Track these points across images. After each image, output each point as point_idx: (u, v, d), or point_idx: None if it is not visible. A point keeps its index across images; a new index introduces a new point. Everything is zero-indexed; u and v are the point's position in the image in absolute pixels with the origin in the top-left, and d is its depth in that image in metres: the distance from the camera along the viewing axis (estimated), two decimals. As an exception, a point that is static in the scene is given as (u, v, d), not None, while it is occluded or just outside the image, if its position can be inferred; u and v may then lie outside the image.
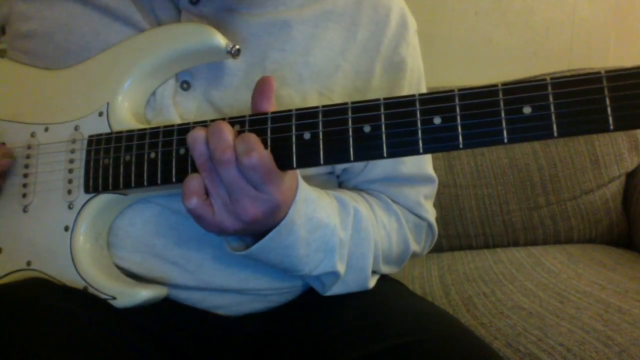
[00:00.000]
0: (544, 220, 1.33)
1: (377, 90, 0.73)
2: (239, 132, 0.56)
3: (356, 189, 0.77)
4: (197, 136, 0.55)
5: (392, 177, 0.76)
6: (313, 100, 0.69)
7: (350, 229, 0.67)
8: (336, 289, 0.69)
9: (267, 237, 0.59)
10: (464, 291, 1.00)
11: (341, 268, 0.67)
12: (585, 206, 1.33)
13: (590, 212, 1.33)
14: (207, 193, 0.56)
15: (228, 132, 0.55)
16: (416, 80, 0.78)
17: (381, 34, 0.73)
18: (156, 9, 0.69)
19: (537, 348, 0.75)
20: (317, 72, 0.70)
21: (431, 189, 0.80)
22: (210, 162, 0.55)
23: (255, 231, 0.59)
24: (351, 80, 0.72)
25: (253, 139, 0.54)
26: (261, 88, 0.57)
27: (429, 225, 0.80)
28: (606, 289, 0.92)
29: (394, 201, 0.76)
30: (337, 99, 0.70)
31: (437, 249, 1.37)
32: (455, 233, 1.36)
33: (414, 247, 0.78)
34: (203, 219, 0.56)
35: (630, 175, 1.37)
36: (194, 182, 0.56)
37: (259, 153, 0.53)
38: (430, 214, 0.80)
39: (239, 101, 0.67)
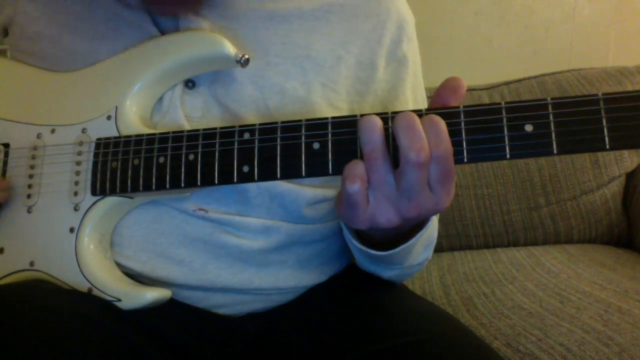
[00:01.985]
0: (544, 220, 1.33)
1: (381, 82, 0.74)
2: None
3: None
4: (375, 123, 0.52)
5: None
6: (317, 92, 0.70)
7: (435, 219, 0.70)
8: (403, 273, 0.72)
9: (417, 236, 0.60)
10: (464, 291, 1.00)
11: (429, 257, 0.71)
12: (585, 206, 1.33)
13: (590, 212, 1.33)
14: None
15: (421, 128, 0.51)
16: (417, 74, 0.80)
17: (383, 26, 0.74)
18: (153, 10, 0.69)
19: (537, 348, 0.75)
20: (319, 64, 0.70)
21: None
22: (381, 151, 0.52)
23: (400, 227, 0.57)
24: (354, 71, 0.72)
25: (443, 126, 0.51)
26: (453, 86, 0.55)
27: None
28: (606, 289, 0.92)
29: None
30: (341, 90, 0.71)
31: (437, 249, 1.36)
32: (455, 233, 1.36)
33: None
34: (357, 207, 0.53)
35: (630, 175, 1.36)
36: (359, 166, 0.52)
37: (447, 144, 0.51)
38: None
39: (244, 95, 0.68)
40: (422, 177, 0.51)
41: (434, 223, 0.68)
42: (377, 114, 0.54)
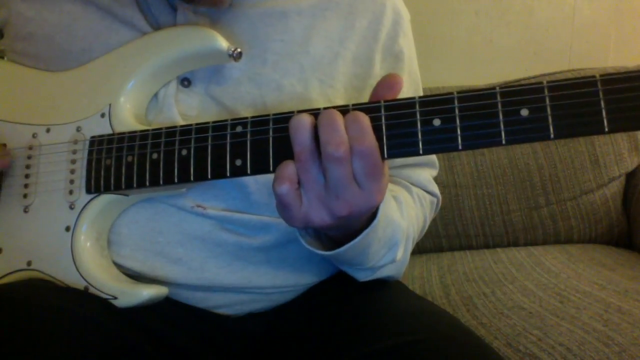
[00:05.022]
0: (544, 220, 1.33)
1: (378, 77, 0.74)
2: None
3: None
4: (303, 123, 0.53)
5: (407, 163, 0.79)
6: (315, 88, 0.70)
7: (406, 219, 0.69)
8: (376, 276, 0.70)
9: (359, 238, 0.59)
10: (464, 291, 1.00)
11: (399, 258, 0.68)
12: (585, 206, 1.33)
13: (590, 212, 1.33)
14: (298, 182, 0.54)
15: (342, 124, 0.52)
16: (414, 68, 0.81)
17: (379, 22, 0.75)
18: (152, 7, 0.70)
19: (537, 348, 0.75)
20: (317, 61, 0.71)
21: (435, 172, 0.85)
22: (310, 152, 0.53)
23: (338, 227, 0.58)
24: (351, 67, 0.73)
25: (366, 122, 0.52)
26: (390, 83, 0.55)
27: (438, 200, 0.84)
28: (606, 289, 0.92)
29: (410, 183, 0.78)
30: (338, 86, 0.72)
31: (437, 249, 1.38)
32: (455, 233, 1.36)
33: (427, 224, 0.82)
34: (289, 208, 0.54)
35: (630, 175, 1.37)
36: (289, 168, 0.53)
37: (370, 139, 0.51)
38: (438, 190, 0.84)
39: (241, 93, 0.68)
40: (345, 172, 0.51)
41: (396, 223, 0.66)
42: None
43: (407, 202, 0.72)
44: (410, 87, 0.80)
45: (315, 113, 0.54)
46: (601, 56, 1.65)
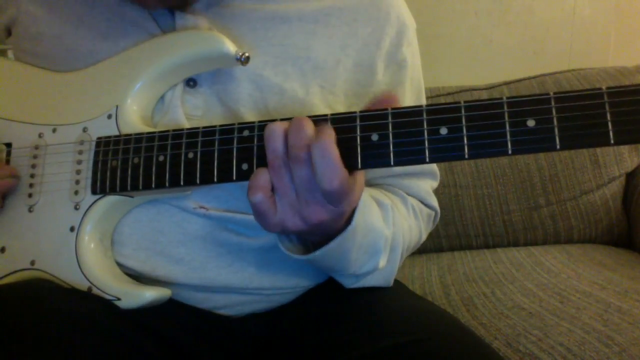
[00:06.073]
0: (544, 220, 1.33)
1: (380, 84, 0.75)
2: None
3: (367, 184, 0.78)
4: (275, 130, 0.54)
5: (407, 172, 0.79)
6: (315, 93, 0.70)
7: (391, 227, 0.69)
8: (362, 284, 0.70)
9: (333, 243, 0.60)
10: (464, 291, 1.00)
11: (382, 266, 0.68)
12: (585, 206, 1.33)
13: (590, 212, 1.33)
14: (272, 190, 0.55)
15: (310, 130, 0.53)
16: (417, 77, 0.81)
17: (382, 31, 0.74)
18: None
19: (537, 348, 0.75)
20: (318, 67, 0.71)
21: (435, 183, 0.84)
22: (282, 160, 0.54)
23: (315, 233, 0.59)
24: (352, 73, 0.73)
25: (336, 160, 0.52)
26: (385, 100, 0.56)
27: (436, 214, 0.83)
28: (606, 289, 0.92)
29: (408, 194, 0.78)
30: (339, 92, 0.72)
31: (437, 249, 1.38)
32: (455, 233, 1.36)
33: (424, 237, 0.82)
34: (265, 215, 0.56)
35: (630, 175, 1.37)
36: (262, 176, 0.55)
37: (340, 178, 0.52)
38: (437, 203, 0.83)
39: (243, 95, 0.68)
40: (310, 176, 0.53)
41: (378, 230, 0.66)
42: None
43: (398, 212, 0.72)
44: (412, 96, 0.80)
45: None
46: (601, 56, 1.65)
